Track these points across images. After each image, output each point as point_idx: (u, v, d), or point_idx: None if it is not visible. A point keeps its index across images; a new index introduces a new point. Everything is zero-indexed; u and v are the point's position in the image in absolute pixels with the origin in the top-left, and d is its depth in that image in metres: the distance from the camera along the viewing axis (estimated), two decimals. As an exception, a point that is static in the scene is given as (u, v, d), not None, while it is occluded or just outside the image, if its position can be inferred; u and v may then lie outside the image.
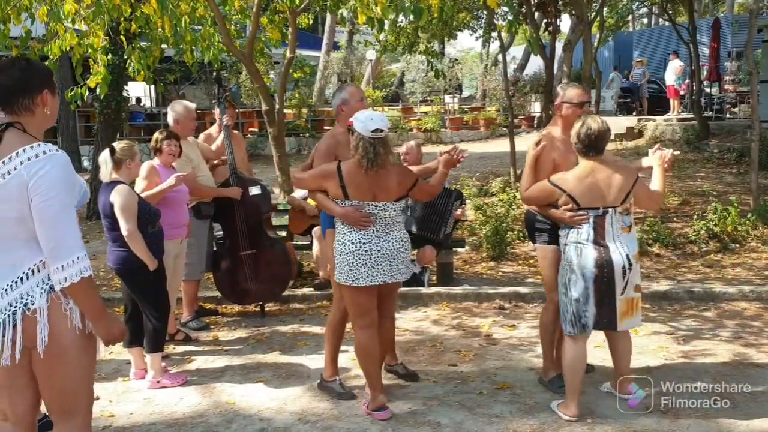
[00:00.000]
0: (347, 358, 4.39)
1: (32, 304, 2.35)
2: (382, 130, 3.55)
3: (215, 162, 5.73)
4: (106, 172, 4.17)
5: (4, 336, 2.35)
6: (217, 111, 5.91)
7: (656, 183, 3.75)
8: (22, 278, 2.37)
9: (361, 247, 3.62)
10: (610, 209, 3.57)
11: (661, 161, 3.77)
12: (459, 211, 6.09)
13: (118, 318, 2.48)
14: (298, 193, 6.31)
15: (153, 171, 4.71)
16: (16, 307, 2.36)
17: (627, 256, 3.56)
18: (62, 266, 2.32)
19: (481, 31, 18.63)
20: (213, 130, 6.19)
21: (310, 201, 5.41)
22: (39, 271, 2.38)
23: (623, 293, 3.59)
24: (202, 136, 6.12)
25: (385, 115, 3.81)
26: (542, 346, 4.13)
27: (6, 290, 2.36)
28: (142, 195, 4.45)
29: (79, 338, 2.43)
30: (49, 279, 2.37)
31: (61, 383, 2.46)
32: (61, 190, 2.34)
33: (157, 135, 4.89)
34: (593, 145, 3.57)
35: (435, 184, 3.97)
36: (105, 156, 4.17)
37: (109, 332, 2.46)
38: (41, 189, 2.30)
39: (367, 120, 3.56)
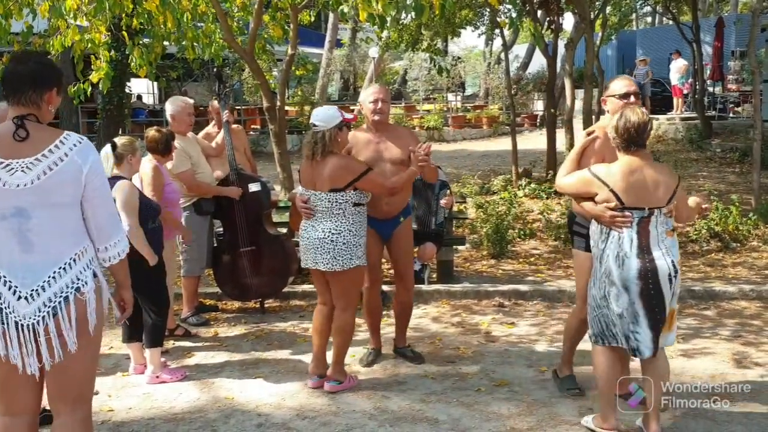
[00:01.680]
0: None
1: (84, 287, 2.44)
2: (315, 125, 3.87)
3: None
4: (108, 168, 4.18)
5: (61, 319, 2.40)
6: (214, 104, 5.91)
7: (690, 203, 3.54)
8: (69, 264, 2.44)
9: (303, 232, 4.01)
10: (656, 210, 3.23)
11: (699, 207, 3.58)
12: (445, 200, 6.11)
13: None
14: (300, 189, 6.31)
15: (158, 172, 4.69)
16: (67, 292, 2.41)
17: (672, 262, 3.24)
18: (113, 243, 2.54)
19: (483, 28, 18.58)
20: (211, 128, 6.19)
21: None
22: (83, 256, 2.47)
23: (671, 305, 3.29)
24: (201, 134, 6.12)
25: (334, 113, 3.91)
26: (563, 345, 4.04)
27: (56, 276, 2.41)
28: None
29: (101, 320, 2.56)
30: (91, 263, 2.49)
31: (87, 366, 2.53)
32: (104, 173, 2.58)
33: (153, 133, 4.78)
34: (634, 139, 3.22)
35: (396, 179, 4.02)
36: (106, 151, 4.17)
37: (131, 298, 2.74)
38: (98, 172, 2.48)
39: (312, 115, 3.94)
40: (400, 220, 4.31)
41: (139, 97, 20.37)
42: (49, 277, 2.40)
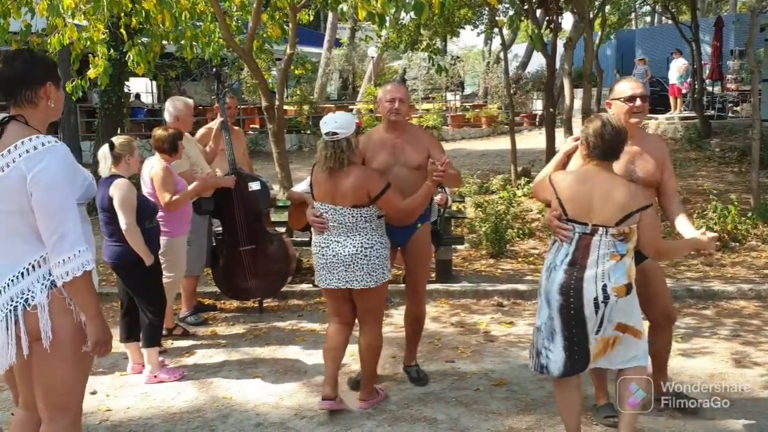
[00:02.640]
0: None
1: (32, 300, 2.34)
2: (335, 133, 3.51)
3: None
4: (105, 167, 4.18)
5: (7, 332, 2.34)
6: (218, 106, 5.90)
7: (687, 232, 3.25)
8: (23, 273, 2.35)
9: (319, 250, 3.68)
10: (600, 228, 2.93)
11: (694, 245, 3.25)
12: (439, 197, 6.09)
13: (108, 327, 2.47)
14: (299, 187, 6.31)
15: (169, 172, 4.69)
16: (17, 303, 2.34)
17: (604, 287, 2.91)
18: (64, 260, 2.29)
19: (482, 27, 18.58)
20: (213, 124, 6.18)
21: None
22: (40, 267, 2.36)
23: (598, 332, 2.97)
24: (202, 129, 6.12)
25: (351, 117, 3.65)
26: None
27: (6, 286, 2.35)
28: (175, 198, 4.59)
29: (80, 334, 2.41)
30: (50, 274, 2.34)
31: (57, 378, 2.42)
32: (62, 182, 2.31)
33: (161, 133, 4.80)
34: (603, 147, 2.98)
35: (409, 202, 3.67)
36: (104, 151, 4.17)
37: (100, 335, 2.39)
38: (41, 182, 2.27)
39: (323, 123, 3.60)
40: (417, 226, 3.98)
41: (138, 96, 20.33)
42: (4, 283, 2.35)
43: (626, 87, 3.37)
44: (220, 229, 5.70)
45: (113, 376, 4.36)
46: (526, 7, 10.57)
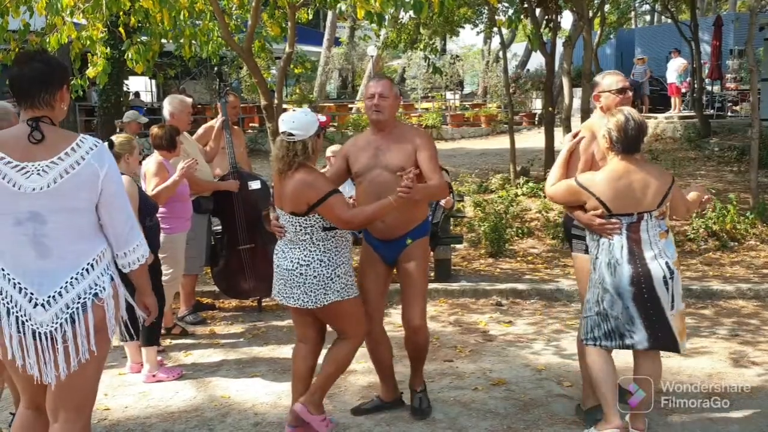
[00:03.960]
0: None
1: (102, 293, 2.40)
2: (291, 134, 3.17)
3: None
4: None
5: (78, 326, 2.35)
6: (219, 105, 5.91)
7: (690, 197, 3.47)
8: (87, 269, 2.40)
9: (275, 258, 3.39)
10: (645, 214, 3.18)
11: (699, 200, 3.50)
12: (445, 200, 6.10)
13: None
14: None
15: (162, 166, 4.70)
16: (85, 298, 2.37)
17: (667, 263, 3.16)
18: (132, 249, 2.50)
19: (482, 26, 18.58)
20: (214, 122, 6.18)
21: None
22: (101, 261, 2.44)
23: (673, 308, 3.19)
24: (201, 129, 6.11)
25: (312, 118, 3.25)
26: (582, 371, 3.56)
27: (69, 285, 2.36)
28: (157, 189, 4.54)
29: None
30: (109, 268, 2.45)
31: (87, 375, 2.45)
32: (121, 177, 2.53)
33: (157, 130, 4.85)
34: (630, 141, 3.15)
35: (357, 212, 3.26)
36: (102, 150, 4.17)
37: (155, 306, 2.72)
38: (114, 177, 2.42)
39: (281, 121, 3.27)
40: (407, 243, 3.51)
41: (137, 94, 20.33)
42: (66, 282, 2.35)
43: (615, 80, 3.46)
44: (219, 228, 5.69)
45: (112, 375, 4.35)
46: (525, 6, 10.57)
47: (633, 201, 3.16)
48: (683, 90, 17.69)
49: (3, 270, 2.34)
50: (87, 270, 2.39)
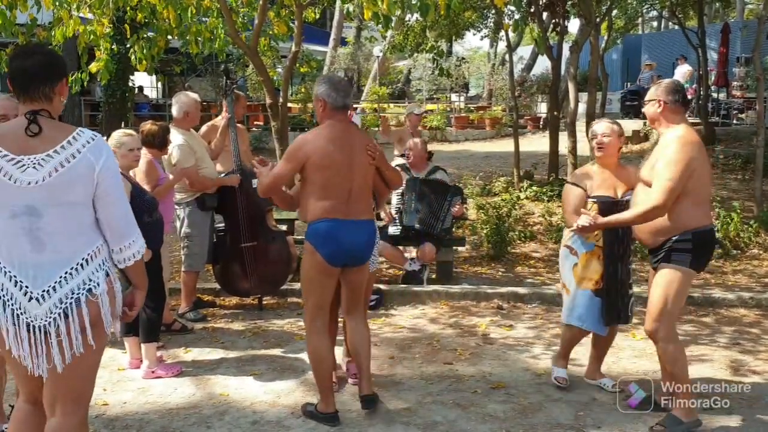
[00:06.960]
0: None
1: (96, 289, 2.39)
2: None
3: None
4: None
5: (72, 321, 2.35)
6: (225, 103, 5.89)
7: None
8: (82, 264, 2.38)
9: None
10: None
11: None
12: (456, 208, 6.11)
13: None
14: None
15: (152, 164, 4.69)
16: (79, 293, 2.36)
17: None
18: (129, 244, 2.47)
19: (485, 31, 18.56)
20: (218, 120, 6.17)
21: None
22: (96, 256, 2.42)
23: None
24: (204, 127, 6.11)
25: None
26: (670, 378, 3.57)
27: (66, 277, 2.35)
28: (157, 189, 4.55)
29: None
30: (104, 263, 2.43)
31: (85, 368, 2.46)
32: (118, 171, 2.50)
33: (150, 127, 4.79)
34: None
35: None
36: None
37: (142, 300, 2.67)
38: (110, 171, 2.39)
39: None
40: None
41: (141, 89, 20.34)
42: (60, 277, 2.34)
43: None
44: (222, 225, 5.69)
45: (111, 371, 4.35)
46: (532, 10, 10.56)
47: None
48: (689, 96, 17.66)
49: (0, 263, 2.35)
50: (81, 265, 2.38)
